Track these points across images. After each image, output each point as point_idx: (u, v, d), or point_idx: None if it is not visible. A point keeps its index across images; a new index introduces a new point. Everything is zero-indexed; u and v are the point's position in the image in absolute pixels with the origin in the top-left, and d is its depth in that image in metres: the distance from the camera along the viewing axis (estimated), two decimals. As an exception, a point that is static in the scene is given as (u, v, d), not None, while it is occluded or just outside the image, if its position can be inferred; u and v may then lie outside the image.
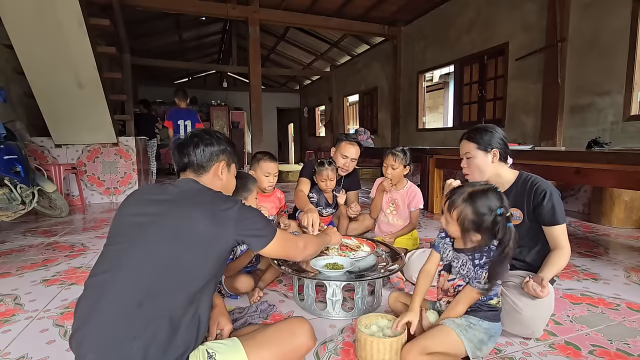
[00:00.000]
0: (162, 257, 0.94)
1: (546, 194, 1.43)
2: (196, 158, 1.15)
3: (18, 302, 1.81)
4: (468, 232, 1.16)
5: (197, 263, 0.97)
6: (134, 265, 0.92)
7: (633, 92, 3.37)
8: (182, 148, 1.17)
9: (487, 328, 1.19)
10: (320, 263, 1.68)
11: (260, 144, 6.24)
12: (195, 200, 1.05)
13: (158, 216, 1.00)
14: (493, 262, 1.14)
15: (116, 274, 0.91)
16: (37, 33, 3.35)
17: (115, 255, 0.96)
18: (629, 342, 1.39)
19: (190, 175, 1.17)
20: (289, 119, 14.22)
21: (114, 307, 0.87)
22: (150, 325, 0.86)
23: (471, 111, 5.46)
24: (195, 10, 5.60)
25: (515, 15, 4.50)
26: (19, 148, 3.14)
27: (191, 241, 0.97)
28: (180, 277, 0.94)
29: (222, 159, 1.20)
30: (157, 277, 0.92)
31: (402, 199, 2.34)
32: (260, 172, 2.18)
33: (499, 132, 1.56)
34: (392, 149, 2.31)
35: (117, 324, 0.85)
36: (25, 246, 2.79)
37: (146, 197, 1.09)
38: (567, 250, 1.42)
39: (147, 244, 0.95)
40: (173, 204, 1.03)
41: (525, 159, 2.61)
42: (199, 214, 1.00)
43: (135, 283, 0.90)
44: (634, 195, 3.10)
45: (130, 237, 0.97)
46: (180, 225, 0.98)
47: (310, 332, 1.14)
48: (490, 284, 1.15)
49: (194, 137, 1.19)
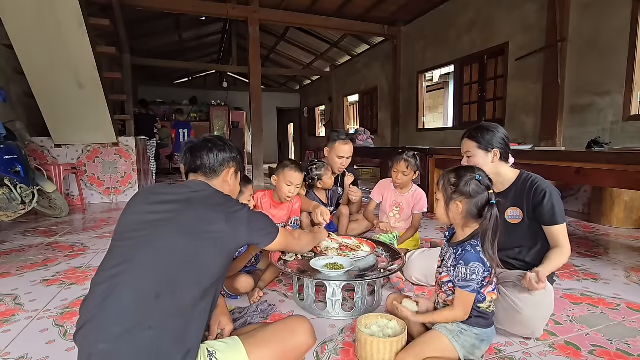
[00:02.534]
0: (179, 253, 0.96)
1: (546, 193, 1.43)
2: (209, 162, 1.20)
3: (18, 302, 1.81)
4: (452, 200, 1.21)
5: (211, 261, 1.01)
6: (149, 259, 0.94)
7: (633, 92, 3.37)
8: (196, 151, 1.21)
9: (477, 334, 1.20)
10: (320, 263, 1.68)
11: (260, 144, 6.24)
12: (210, 201, 1.10)
13: (173, 213, 1.03)
14: (483, 230, 1.17)
15: (130, 266, 0.92)
16: (37, 33, 3.35)
17: (127, 250, 0.97)
18: (629, 342, 1.39)
19: (201, 177, 1.21)
20: (289, 119, 14.22)
21: (129, 297, 0.88)
22: (165, 316, 0.88)
23: (471, 111, 5.46)
24: (195, 10, 5.60)
25: (515, 15, 4.50)
26: (19, 148, 3.14)
27: (207, 239, 1.01)
28: (195, 273, 0.97)
29: (232, 166, 1.26)
30: (175, 271, 0.94)
31: (408, 203, 2.33)
32: (283, 179, 2.11)
33: (501, 131, 1.56)
34: (404, 155, 2.25)
35: (132, 314, 0.86)
36: (25, 246, 2.79)
37: (156, 196, 1.11)
38: (567, 249, 1.42)
39: (162, 240, 0.97)
40: (188, 204, 1.06)
41: (525, 159, 2.61)
42: (214, 214, 1.05)
43: (152, 275, 0.92)
44: (634, 195, 3.09)
45: (142, 233, 0.99)
46: (196, 224, 1.01)
47: (310, 330, 1.15)
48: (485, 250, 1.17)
49: (207, 142, 1.24)
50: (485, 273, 1.17)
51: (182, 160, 1.25)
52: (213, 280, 1.01)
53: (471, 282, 1.15)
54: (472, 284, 1.15)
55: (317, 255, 1.81)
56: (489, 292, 1.21)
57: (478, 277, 1.15)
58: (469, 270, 1.15)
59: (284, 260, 1.79)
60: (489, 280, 1.19)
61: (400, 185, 2.30)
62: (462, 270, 1.16)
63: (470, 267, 1.15)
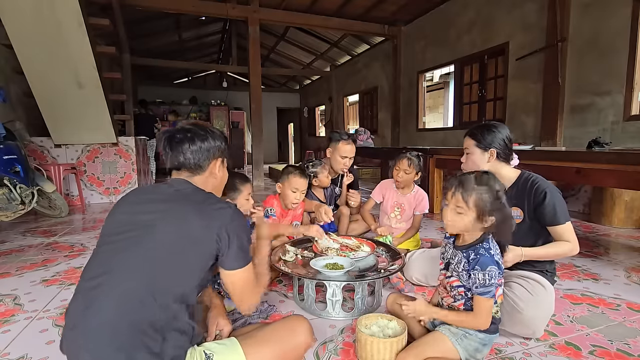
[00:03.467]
0: (159, 256, 0.92)
1: (546, 193, 1.42)
2: (193, 158, 1.08)
3: (17, 302, 1.81)
4: (483, 216, 1.15)
5: (191, 262, 0.95)
6: (131, 265, 0.90)
7: (633, 92, 3.36)
8: (177, 145, 1.08)
9: (482, 338, 1.20)
10: (320, 263, 1.68)
11: (260, 144, 6.24)
12: (190, 199, 1.02)
13: (156, 214, 0.97)
14: (498, 228, 1.16)
15: (111, 276, 0.89)
16: (37, 33, 3.34)
17: (110, 255, 0.93)
18: (629, 342, 1.39)
19: (185, 174, 1.10)
20: (289, 119, 14.21)
21: (109, 307, 0.85)
22: (147, 326, 0.85)
23: (471, 111, 5.45)
24: (195, 10, 5.60)
25: (516, 15, 4.50)
26: (19, 148, 3.14)
27: (186, 241, 0.95)
28: (175, 276, 0.92)
29: (218, 156, 1.14)
30: (154, 277, 0.90)
31: (409, 203, 2.33)
32: (288, 186, 2.09)
33: (504, 132, 1.55)
34: (408, 153, 2.25)
35: (114, 323, 0.83)
36: (25, 246, 2.78)
37: (140, 197, 1.06)
38: (572, 245, 1.41)
39: (144, 242, 0.93)
40: (170, 204, 1.01)
41: (525, 159, 2.60)
42: (193, 214, 0.98)
43: (134, 282, 0.88)
44: (634, 195, 3.09)
45: (125, 237, 0.95)
46: (176, 225, 0.95)
47: (309, 330, 1.14)
48: (502, 249, 1.20)
49: (187, 132, 1.10)
50: (500, 275, 1.15)
51: (163, 155, 1.11)
52: (196, 283, 0.96)
53: (490, 287, 1.13)
54: (491, 289, 1.13)
55: (317, 255, 1.81)
56: (499, 295, 1.20)
57: (495, 281, 1.13)
58: (487, 276, 1.12)
59: (284, 260, 1.79)
60: (500, 282, 1.18)
61: (400, 184, 2.29)
62: (480, 276, 1.13)
63: (487, 271, 1.12)
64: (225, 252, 0.99)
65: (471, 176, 1.19)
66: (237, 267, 1.01)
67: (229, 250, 0.99)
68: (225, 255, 0.99)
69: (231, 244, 0.99)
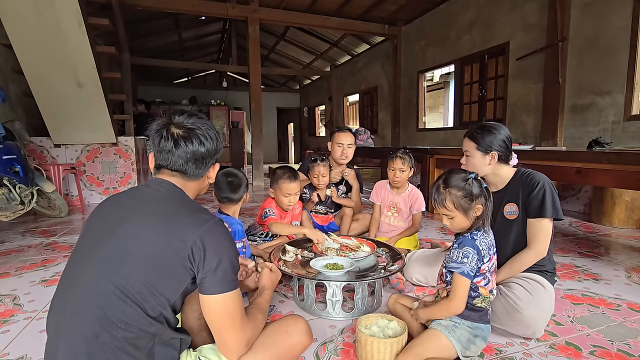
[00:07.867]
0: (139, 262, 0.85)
1: (539, 184, 1.42)
2: (195, 168, 0.97)
3: (17, 302, 1.80)
4: (469, 209, 1.21)
5: (164, 284, 0.84)
6: (91, 280, 0.83)
7: (634, 92, 3.36)
8: (178, 145, 0.94)
9: (470, 327, 1.22)
10: (320, 263, 1.68)
11: (260, 144, 6.24)
12: (162, 206, 0.91)
13: (122, 218, 0.89)
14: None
15: (76, 301, 0.83)
16: (36, 32, 3.34)
17: (72, 272, 0.88)
18: (629, 342, 1.39)
19: (176, 178, 0.97)
20: (289, 119, 14.21)
21: (76, 336, 0.81)
22: (125, 344, 0.81)
23: (472, 111, 5.45)
24: (195, 9, 5.59)
25: (516, 15, 4.50)
26: (18, 148, 3.13)
27: (153, 262, 0.84)
28: (141, 295, 0.82)
29: (215, 160, 1.04)
30: (119, 305, 0.81)
31: (404, 202, 2.33)
32: (280, 193, 2.11)
33: (504, 133, 1.53)
34: (397, 152, 2.25)
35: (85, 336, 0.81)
36: (24, 246, 2.78)
37: (115, 201, 0.97)
38: (536, 252, 1.41)
39: (113, 262, 0.84)
40: (136, 209, 0.90)
41: (525, 158, 2.61)
42: (155, 220, 0.88)
43: (100, 311, 0.80)
44: (634, 195, 3.09)
45: (89, 246, 0.89)
46: (138, 234, 0.86)
47: (305, 329, 1.11)
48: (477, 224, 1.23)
49: (190, 130, 0.96)
50: (479, 263, 1.19)
51: (155, 151, 0.98)
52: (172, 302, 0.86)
53: (462, 265, 1.18)
54: (462, 267, 1.18)
55: (317, 255, 1.80)
56: (482, 287, 1.23)
57: (471, 263, 1.17)
58: (460, 253, 1.19)
59: (284, 260, 1.79)
60: (482, 273, 1.21)
61: (398, 183, 2.29)
62: (455, 253, 1.21)
63: (463, 250, 1.19)
64: (201, 271, 0.85)
65: (439, 182, 1.27)
66: (217, 292, 0.86)
67: (206, 270, 0.85)
68: (202, 276, 0.85)
69: (208, 262, 0.85)
